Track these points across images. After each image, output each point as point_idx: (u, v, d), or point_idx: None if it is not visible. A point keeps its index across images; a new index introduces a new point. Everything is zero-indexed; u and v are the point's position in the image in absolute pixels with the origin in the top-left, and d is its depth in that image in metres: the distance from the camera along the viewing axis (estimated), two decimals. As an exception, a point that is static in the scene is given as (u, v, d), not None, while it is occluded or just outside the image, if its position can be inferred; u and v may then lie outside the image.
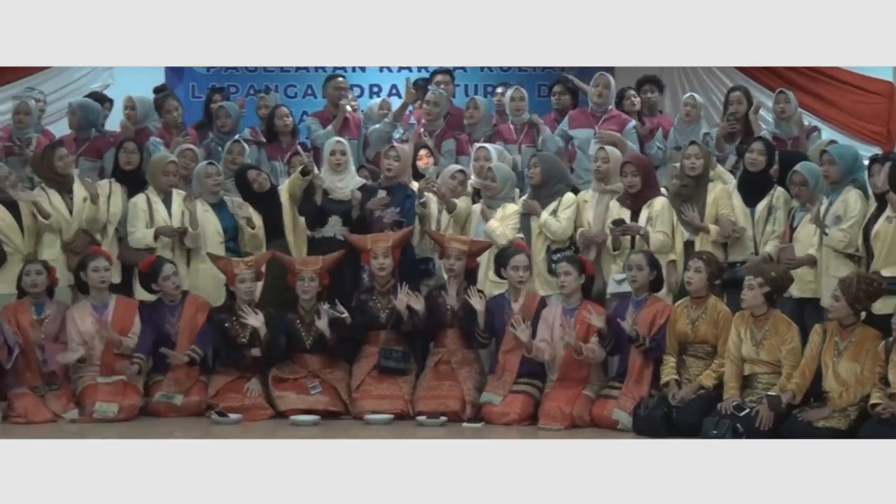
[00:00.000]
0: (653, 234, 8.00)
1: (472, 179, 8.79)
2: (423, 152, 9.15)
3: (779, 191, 8.04)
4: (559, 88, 9.79)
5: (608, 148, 8.58)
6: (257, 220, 8.54)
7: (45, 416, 7.57)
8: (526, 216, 8.40)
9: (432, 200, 8.64)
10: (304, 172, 8.51)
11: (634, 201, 8.18)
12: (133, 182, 8.67)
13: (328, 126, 9.71)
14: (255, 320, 7.89)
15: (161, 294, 8.15)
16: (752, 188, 8.12)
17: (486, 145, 9.00)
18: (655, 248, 7.92)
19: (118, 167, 8.73)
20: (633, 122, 9.40)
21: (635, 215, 8.15)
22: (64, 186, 8.52)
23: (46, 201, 8.38)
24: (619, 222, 8.06)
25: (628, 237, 8.08)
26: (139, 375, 7.91)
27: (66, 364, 7.81)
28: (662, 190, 8.40)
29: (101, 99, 10.06)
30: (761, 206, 8.04)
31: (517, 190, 8.70)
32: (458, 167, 8.87)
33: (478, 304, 7.82)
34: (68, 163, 8.54)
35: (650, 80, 10.11)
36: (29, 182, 8.87)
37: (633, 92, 9.80)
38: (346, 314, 7.90)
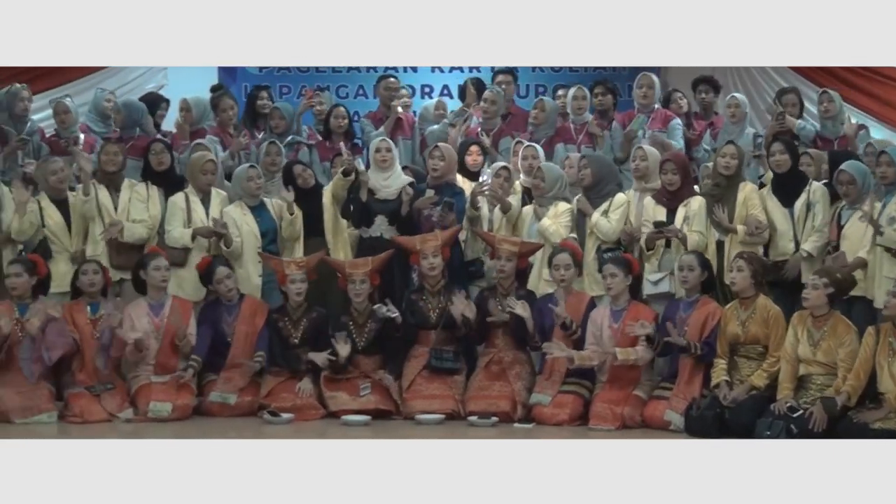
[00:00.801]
0: (689, 235, 7.97)
1: (522, 179, 8.77)
2: (473, 148, 9.13)
3: (815, 185, 8.00)
4: (600, 89, 9.70)
5: (646, 147, 8.57)
6: (299, 222, 8.56)
7: (101, 416, 7.63)
8: (580, 215, 8.38)
9: (484, 200, 8.61)
10: (346, 173, 8.51)
11: (671, 199, 8.15)
12: (169, 182, 8.72)
13: (381, 127, 9.74)
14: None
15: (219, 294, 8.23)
16: (786, 188, 8.05)
17: (533, 144, 8.99)
18: (691, 249, 7.88)
19: (150, 168, 8.78)
20: (678, 120, 9.34)
21: (671, 214, 8.13)
22: (112, 183, 8.61)
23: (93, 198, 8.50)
24: (659, 224, 8.03)
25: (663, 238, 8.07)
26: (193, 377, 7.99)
27: (125, 344, 7.84)
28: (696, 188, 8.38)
29: (158, 99, 10.13)
30: (799, 203, 7.98)
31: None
32: (502, 163, 8.86)
33: (523, 311, 7.81)
34: (112, 160, 8.60)
35: (706, 81, 9.99)
36: (75, 179, 8.97)
37: (679, 94, 9.68)
38: (396, 313, 7.92)
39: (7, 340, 7.64)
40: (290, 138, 9.55)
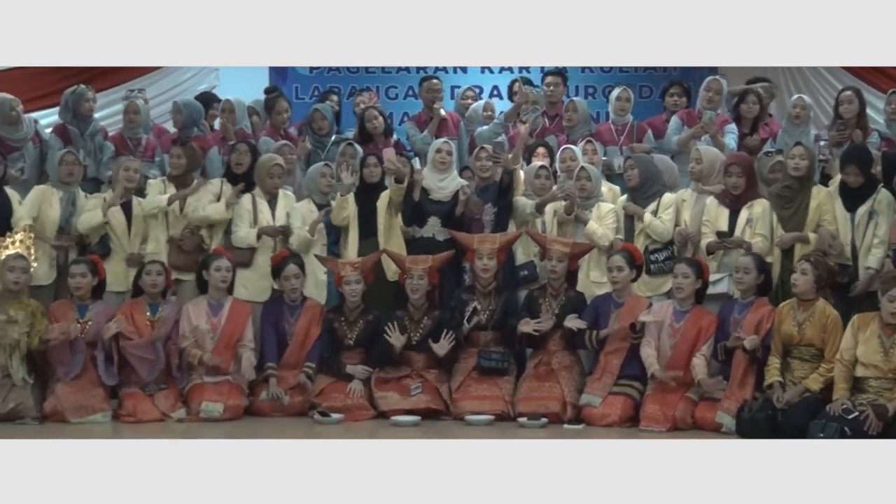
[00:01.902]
0: (752, 238, 7.92)
1: (562, 180, 8.75)
2: (540, 150, 9.10)
3: (882, 194, 7.90)
4: (676, 90, 9.69)
5: (702, 148, 8.53)
6: (352, 208, 8.59)
7: (154, 415, 7.71)
8: (626, 217, 8.37)
9: (522, 201, 8.59)
10: (398, 180, 8.52)
11: (734, 201, 8.09)
12: (244, 183, 8.77)
13: (425, 130, 9.76)
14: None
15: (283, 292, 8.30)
16: (853, 193, 7.95)
17: (571, 146, 8.96)
18: (755, 252, 7.82)
19: (229, 168, 8.85)
20: (733, 125, 9.26)
21: (734, 215, 8.07)
22: (181, 183, 8.69)
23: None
24: (722, 235, 7.98)
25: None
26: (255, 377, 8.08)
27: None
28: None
29: (211, 99, 10.20)
30: (862, 210, 7.89)
31: (605, 190, 8.70)
32: (541, 163, 8.84)
33: (580, 325, 7.80)
34: (176, 164, 8.70)
35: (760, 81, 9.89)
36: (143, 179, 9.05)
37: (753, 98, 9.50)
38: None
39: (80, 346, 7.78)
40: (333, 138, 9.58)
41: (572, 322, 7.78)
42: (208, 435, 7.18)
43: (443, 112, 9.83)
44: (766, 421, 7.04)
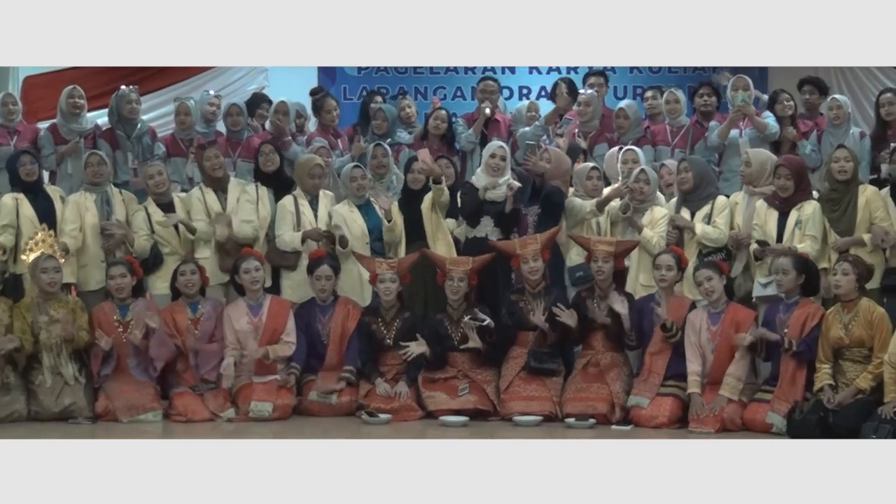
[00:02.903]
0: (802, 240, 7.87)
1: (621, 182, 8.72)
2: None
3: None
4: (707, 90, 9.64)
5: (751, 151, 8.49)
6: (398, 217, 8.61)
7: (204, 415, 7.76)
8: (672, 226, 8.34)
9: (578, 202, 8.57)
10: (436, 181, 8.53)
11: (783, 203, 8.03)
12: (278, 184, 8.82)
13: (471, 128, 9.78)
14: (418, 347, 7.98)
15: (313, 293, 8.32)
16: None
17: (633, 147, 8.94)
18: (805, 253, 7.77)
19: (259, 170, 8.89)
20: (768, 112, 9.22)
21: (783, 217, 8.01)
22: (219, 186, 8.73)
23: (201, 203, 8.64)
24: (762, 243, 7.94)
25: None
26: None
27: (226, 374, 7.96)
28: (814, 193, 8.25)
29: (262, 100, 10.25)
30: None
31: (660, 194, 8.68)
32: (592, 164, 8.82)
33: (621, 307, 7.79)
34: (216, 164, 8.71)
35: (811, 82, 9.81)
36: (189, 182, 9.09)
37: (786, 95, 9.47)
38: (487, 320, 7.94)
39: (113, 351, 7.86)
40: (389, 140, 9.60)
41: (618, 305, 7.77)
42: (257, 435, 7.24)
43: (487, 111, 9.80)
44: (817, 422, 6.98)
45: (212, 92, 10.36)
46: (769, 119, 9.18)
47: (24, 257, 8.09)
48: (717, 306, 7.64)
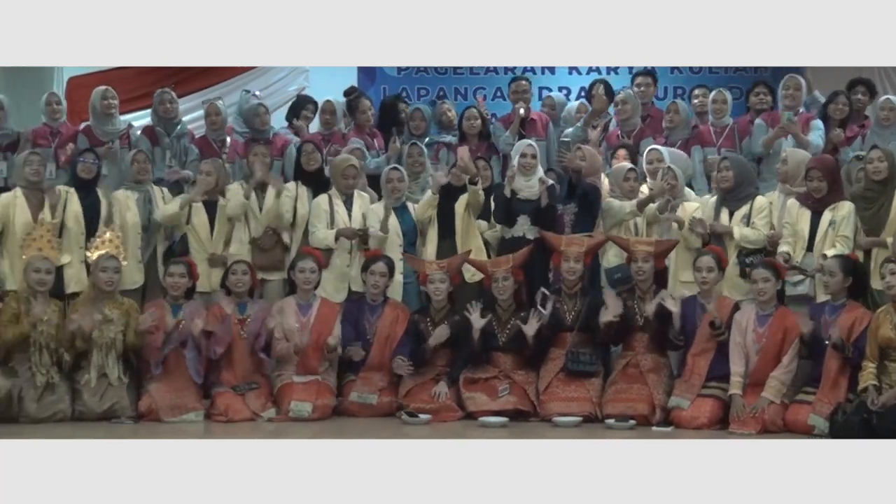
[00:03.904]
0: (835, 241, 7.85)
1: (649, 182, 8.71)
2: (621, 152, 9.10)
3: None
4: (763, 88, 9.57)
5: (789, 150, 8.47)
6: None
7: (245, 415, 7.79)
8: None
9: (617, 203, 8.57)
10: (472, 182, 8.54)
11: (817, 203, 8.00)
12: (318, 182, 8.86)
13: (508, 130, 9.77)
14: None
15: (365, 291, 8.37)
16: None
17: (658, 147, 8.93)
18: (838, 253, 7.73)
19: (299, 168, 8.94)
20: (819, 121, 9.15)
21: (816, 217, 7.98)
22: (260, 184, 8.79)
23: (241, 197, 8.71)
24: (787, 258, 7.92)
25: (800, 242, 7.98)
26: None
27: (282, 354, 8.06)
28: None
29: (306, 102, 10.30)
30: None
31: (689, 191, 8.69)
32: (629, 166, 8.81)
33: (672, 306, 7.76)
34: (264, 162, 8.79)
35: (862, 83, 9.71)
36: (225, 179, 9.14)
37: (843, 99, 9.37)
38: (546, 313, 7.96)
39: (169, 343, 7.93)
40: (427, 139, 9.62)
41: (670, 302, 7.75)
42: (297, 435, 7.26)
43: (522, 112, 9.77)
44: (860, 424, 6.93)
45: (257, 92, 10.43)
46: (817, 131, 9.08)
47: (88, 254, 8.14)
48: (767, 308, 7.61)
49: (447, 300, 8.23)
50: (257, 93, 10.44)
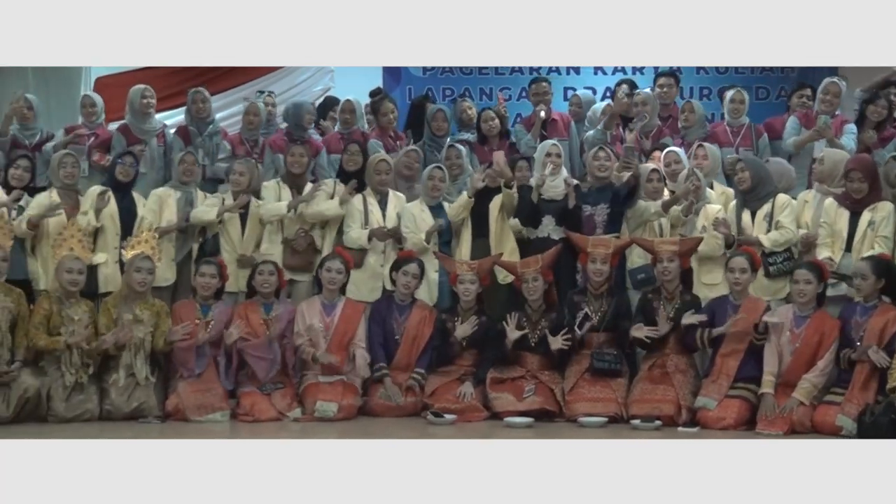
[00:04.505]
0: (874, 242, 7.81)
1: (670, 185, 8.68)
2: (656, 154, 9.08)
3: None
4: (807, 91, 9.56)
5: (826, 150, 8.43)
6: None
7: (271, 415, 7.81)
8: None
9: (642, 203, 8.55)
10: (508, 185, 8.54)
11: (856, 204, 7.95)
12: (357, 183, 8.84)
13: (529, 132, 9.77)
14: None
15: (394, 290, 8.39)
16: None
17: (674, 148, 8.91)
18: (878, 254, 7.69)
19: (341, 168, 8.97)
20: (852, 125, 9.12)
21: (855, 217, 7.95)
22: (295, 183, 8.83)
23: (276, 195, 8.76)
24: (830, 260, 7.87)
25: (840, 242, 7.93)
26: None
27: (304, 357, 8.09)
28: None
29: (333, 103, 10.30)
30: None
31: (710, 192, 8.65)
32: (652, 166, 8.79)
33: (696, 318, 7.74)
34: (299, 162, 8.84)
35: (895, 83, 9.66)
36: (258, 179, 9.16)
37: (884, 102, 9.30)
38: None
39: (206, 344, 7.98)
40: (449, 139, 9.63)
41: (691, 318, 7.73)
42: (322, 435, 7.27)
43: (542, 114, 9.77)
44: (889, 425, 6.89)
45: (268, 91, 10.45)
46: (850, 134, 9.06)
47: (124, 252, 8.18)
48: (805, 310, 7.57)
49: (475, 300, 8.23)
50: (268, 91, 10.47)
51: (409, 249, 8.52)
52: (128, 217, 8.57)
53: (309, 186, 8.81)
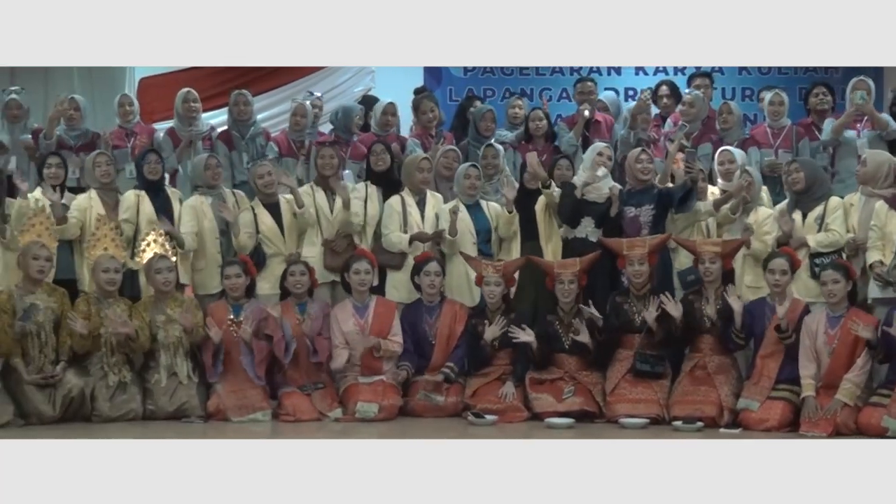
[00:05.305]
0: None
1: (720, 184, 8.65)
2: (679, 155, 9.06)
3: None
4: (822, 89, 9.48)
5: (868, 151, 8.36)
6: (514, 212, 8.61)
7: (312, 415, 7.83)
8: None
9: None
10: (545, 186, 8.52)
11: (904, 205, 7.91)
12: (387, 183, 8.87)
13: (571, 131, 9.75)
14: (526, 336, 7.98)
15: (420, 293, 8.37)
16: None
17: (729, 148, 8.85)
18: None
19: (370, 169, 8.96)
20: (889, 117, 9.04)
21: (906, 219, 7.89)
22: (327, 185, 8.81)
23: (310, 199, 8.73)
24: (876, 266, 7.81)
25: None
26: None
27: (337, 368, 8.08)
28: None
29: (373, 103, 10.31)
30: None
31: (764, 195, 8.61)
32: (699, 166, 8.75)
33: (736, 303, 7.69)
34: (329, 163, 8.81)
35: None
36: (299, 182, 9.19)
37: None
38: (598, 317, 7.92)
39: (222, 346, 7.99)
40: (491, 140, 9.63)
41: (733, 300, 7.67)
42: (363, 435, 7.28)
43: (587, 113, 9.74)
44: (936, 426, 6.86)
45: (317, 93, 10.46)
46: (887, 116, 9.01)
47: (137, 259, 8.24)
48: (837, 310, 7.51)
49: (502, 301, 8.23)
50: (317, 93, 10.50)
51: (424, 252, 8.49)
52: (165, 216, 8.57)
53: (342, 187, 8.78)
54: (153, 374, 7.88)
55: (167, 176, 9.19)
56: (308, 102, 9.95)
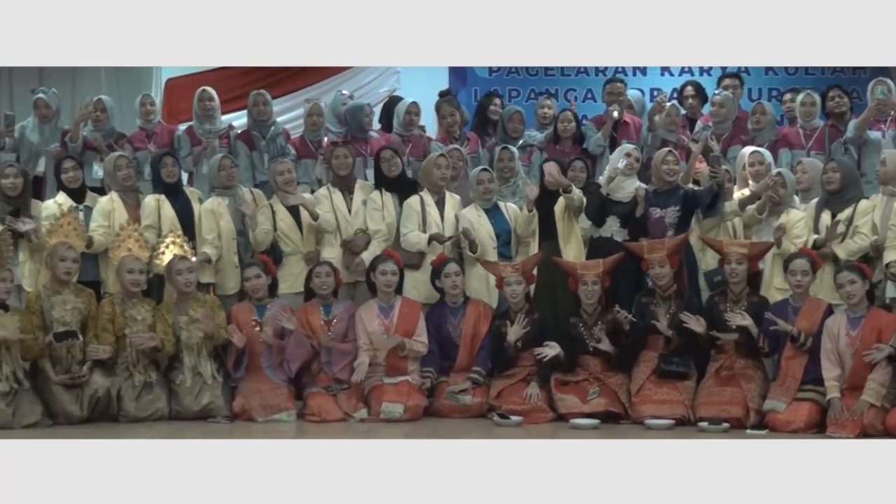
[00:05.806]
0: None
1: (751, 185, 8.61)
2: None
3: None
4: (836, 91, 9.46)
5: (887, 151, 8.33)
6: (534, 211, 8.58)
7: (338, 415, 7.83)
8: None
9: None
10: (567, 190, 8.50)
11: (927, 205, 7.87)
12: (401, 187, 8.85)
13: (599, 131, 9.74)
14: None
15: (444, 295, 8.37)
16: None
17: (759, 149, 8.80)
18: None
19: (381, 174, 8.93)
20: None
21: (927, 219, 7.83)
22: (345, 186, 8.83)
23: (328, 201, 8.74)
24: (893, 266, 7.79)
25: None
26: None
27: (359, 370, 8.03)
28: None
29: (396, 100, 10.32)
30: None
31: (796, 198, 8.56)
32: (725, 167, 8.71)
33: (741, 321, 7.68)
34: (343, 163, 8.81)
35: None
36: (318, 184, 9.21)
37: None
38: (632, 320, 7.90)
39: (246, 348, 8.01)
40: (521, 142, 9.61)
41: (739, 319, 7.66)
42: (389, 435, 7.29)
43: (615, 114, 9.71)
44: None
45: (346, 92, 10.47)
46: None
47: (157, 262, 8.27)
48: (858, 311, 7.47)
49: (524, 300, 8.23)
50: (347, 93, 10.51)
51: (440, 255, 8.48)
52: (187, 217, 8.61)
53: (358, 188, 8.82)
54: (178, 374, 7.91)
55: (185, 175, 9.21)
56: (338, 101, 9.88)
